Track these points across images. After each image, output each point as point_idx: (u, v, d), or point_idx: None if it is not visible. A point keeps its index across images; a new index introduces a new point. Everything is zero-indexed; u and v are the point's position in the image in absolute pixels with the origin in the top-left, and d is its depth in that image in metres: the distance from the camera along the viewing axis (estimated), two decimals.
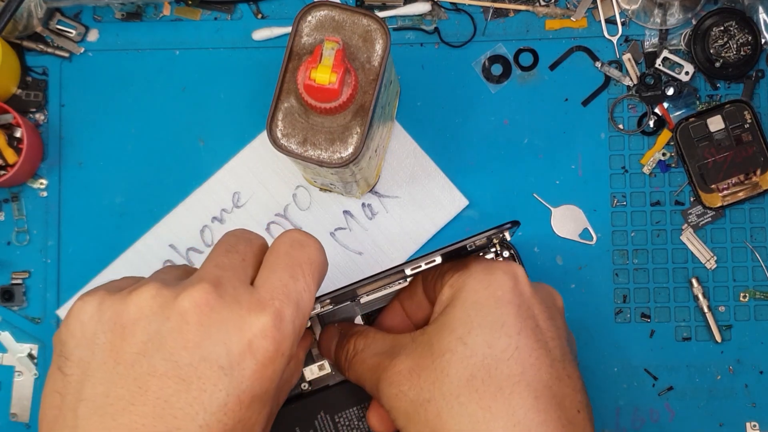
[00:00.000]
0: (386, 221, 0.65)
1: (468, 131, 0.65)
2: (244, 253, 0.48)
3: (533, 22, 0.66)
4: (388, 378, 0.52)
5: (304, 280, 0.47)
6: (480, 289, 0.52)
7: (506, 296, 0.51)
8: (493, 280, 0.52)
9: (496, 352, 0.50)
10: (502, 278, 0.52)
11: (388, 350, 0.54)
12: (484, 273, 0.52)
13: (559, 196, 0.65)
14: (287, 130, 0.52)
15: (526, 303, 0.52)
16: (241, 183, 0.65)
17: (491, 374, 0.49)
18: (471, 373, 0.49)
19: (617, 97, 0.65)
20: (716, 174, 0.64)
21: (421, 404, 0.50)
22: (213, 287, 0.45)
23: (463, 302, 0.52)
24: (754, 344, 0.64)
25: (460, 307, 0.52)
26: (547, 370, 0.50)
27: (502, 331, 0.50)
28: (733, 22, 0.64)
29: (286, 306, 0.46)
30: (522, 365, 0.49)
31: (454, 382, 0.49)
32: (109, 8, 0.66)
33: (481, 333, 0.50)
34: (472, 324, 0.51)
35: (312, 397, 0.61)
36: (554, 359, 0.51)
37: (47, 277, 0.65)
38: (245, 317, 0.45)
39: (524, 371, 0.49)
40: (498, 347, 0.50)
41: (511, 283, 0.52)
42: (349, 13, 0.52)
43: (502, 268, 0.52)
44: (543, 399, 0.49)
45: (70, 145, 0.65)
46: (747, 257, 0.64)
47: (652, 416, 0.64)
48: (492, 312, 0.51)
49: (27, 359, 0.64)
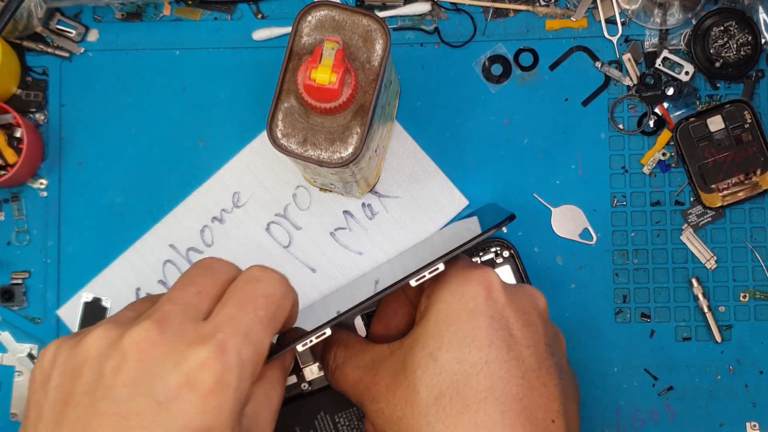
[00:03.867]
0: (386, 221, 0.65)
1: (468, 131, 0.65)
2: (201, 285, 0.48)
3: (533, 22, 0.66)
4: (370, 395, 0.52)
5: (254, 313, 0.47)
6: (453, 302, 0.52)
7: (479, 307, 0.51)
8: (465, 292, 0.52)
9: (465, 368, 0.50)
10: (474, 289, 0.52)
11: (369, 364, 0.54)
12: (457, 284, 0.52)
13: (559, 196, 0.65)
14: (287, 130, 0.52)
15: (499, 313, 0.51)
16: (241, 183, 0.65)
17: (459, 391, 0.49)
18: (440, 390, 0.49)
19: (617, 97, 0.65)
20: (716, 174, 0.64)
21: (395, 422, 0.51)
22: (156, 324, 0.45)
23: (436, 315, 0.52)
24: (754, 344, 0.64)
25: (433, 320, 0.52)
26: (517, 383, 0.50)
27: (473, 345, 0.50)
28: (733, 22, 0.64)
29: (230, 338, 0.45)
30: (491, 379, 0.49)
31: (423, 401, 0.50)
32: (109, 8, 0.66)
33: (451, 349, 0.50)
34: (443, 339, 0.51)
35: (312, 397, 0.62)
36: (527, 369, 0.50)
37: (47, 277, 0.65)
38: (184, 351, 0.44)
39: (492, 386, 0.49)
40: (467, 362, 0.50)
41: (484, 293, 0.52)
42: (349, 13, 0.52)
43: (475, 278, 0.52)
44: (511, 413, 0.49)
45: (70, 145, 0.65)
46: (747, 257, 0.64)
47: (652, 416, 0.64)
48: (463, 326, 0.51)
49: (27, 359, 0.64)
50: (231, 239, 0.65)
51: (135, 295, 0.64)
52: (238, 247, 0.65)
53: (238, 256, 0.64)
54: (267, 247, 0.65)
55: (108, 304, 0.64)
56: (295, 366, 0.62)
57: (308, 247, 0.65)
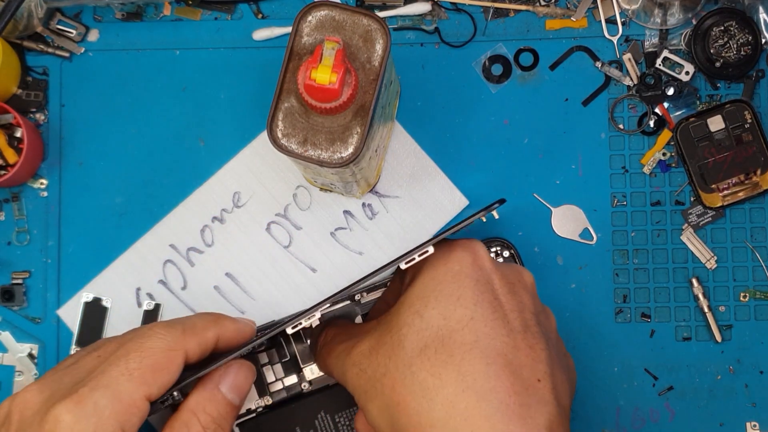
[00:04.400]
0: (386, 221, 0.65)
1: (468, 131, 0.65)
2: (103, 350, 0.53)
3: (533, 22, 0.66)
4: (351, 359, 0.53)
5: (124, 366, 0.50)
6: (438, 266, 0.53)
7: (464, 270, 0.52)
8: (451, 257, 0.53)
9: (450, 323, 0.50)
10: (460, 254, 0.53)
11: (355, 335, 0.55)
12: (443, 251, 0.53)
13: (559, 196, 0.65)
14: (287, 130, 0.52)
15: (485, 276, 0.52)
16: (241, 183, 0.65)
17: (444, 343, 0.50)
18: (425, 343, 0.50)
19: (617, 97, 0.65)
20: (716, 174, 0.64)
21: (378, 379, 0.51)
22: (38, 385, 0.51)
23: (422, 278, 0.53)
24: (754, 344, 0.64)
25: (419, 283, 0.53)
26: (502, 340, 0.50)
27: (458, 303, 0.51)
28: (733, 22, 0.64)
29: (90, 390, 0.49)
30: (476, 334, 0.50)
31: (408, 354, 0.50)
32: (110, 8, 0.66)
33: (437, 306, 0.51)
34: (428, 298, 0.51)
35: (312, 397, 0.62)
36: (512, 330, 0.51)
37: (47, 277, 0.65)
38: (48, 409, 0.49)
39: (477, 339, 0.50)
40: (453, 318, 0.50)
41: (470, 258, 0.53)
42: (349, 13, 0.52)
43: (461, 245, 0.53)
44: (495, 366, 0.49)
45: (70, 145, 0.65)
46: (747, 257, 0.65)
47: (652, 416, 0.64)
48: (449, 285, 0.52)
49: (27, 359, 0.64)
50: (231, 239, 0.65)
51: (135, 295, 0.64)
52: (238, 247, 0.65)
53: (238, 256, 0.65)
54: (267, 247, 0.65)
55: (108, 304, 0.64)
56: (296, 366, 0.62)
57: (308, 247, 0.65)
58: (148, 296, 0.65)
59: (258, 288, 0.65)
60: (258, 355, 0.62)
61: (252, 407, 0.62)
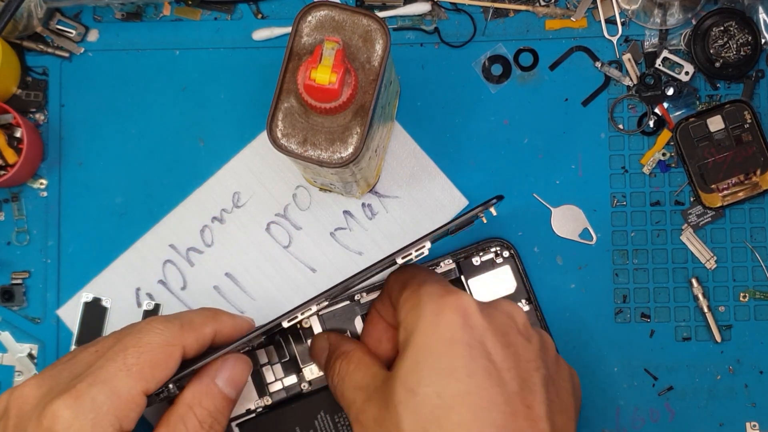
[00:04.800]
0: (386, 221, 0.65)
1: (468, 131, 0.65)
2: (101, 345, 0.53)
3: (533, 22, 0.66)
4: (360, 421, 0.53)
5: (122, 362, 0.51)
6: (429, 333, 0.52)
7: (455, 336, 0.51)
8: (441, 321, 0.52)
9: (445, 401, 0.50)
10: (450, 318, 0.52)
11: (363, 387, 0.54)
12: (432, 314, 0.52)
13: (559, 196, 0.65)
14: (287, 130, 0.52)
15: (477, 339, 0.51)
16: (241, 183, 0.65)
17: (441, 425, 0.49)
18: (422, 426, 0.49)
19: (617, 97, 0.65)
20: (716, 174, 0.64)
21: None
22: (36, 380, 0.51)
23: (413, 348, 0.52)
24: (754, 344, 0.64)
25: (411, 354, 0.52)
26: (500, 409, 0.50)
27: (452, 377, 0.50)
28: (733, 22, 0.64)
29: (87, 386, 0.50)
30: (473, 411, 0.49)
31: None
32: (109, 8, 0.66)
33: (430, 383, 0.50)
34: (422, 373, 0.51)
35: (312, 397, 0.62)
36: (510, 394, 0.50)
37: (47, 277, 0.65)
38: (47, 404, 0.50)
39: (476, 417, 0.49)
40: (447, 395, 0.50)
41: (460, 321, 0.51)
42: (349, 13, 0.52)
43: (450, 306, 0.52)
44: None
45: (70, 145, 0.65)
46: (747, 257, 0.64)
47: (652, 416, 0.64)
48: (441, 358, 0.51)
49: (27, 359, 0.64)
50: (231, 239, 0.65)
51: (135, 295, 0.65)
52: (237, 247, 0.65)
53: (238, 256, 0.65)
54: (267, 247, 0.65)
55: (108, 304, 0.64)
56: (295, 366, 0.62)
57: (308, 247, 0.65)
58: (147, 296, 0.65)
59: (258, 288, 0.65)
60: (258, 355, 0.62)
61: (252, 407, 0.62)
